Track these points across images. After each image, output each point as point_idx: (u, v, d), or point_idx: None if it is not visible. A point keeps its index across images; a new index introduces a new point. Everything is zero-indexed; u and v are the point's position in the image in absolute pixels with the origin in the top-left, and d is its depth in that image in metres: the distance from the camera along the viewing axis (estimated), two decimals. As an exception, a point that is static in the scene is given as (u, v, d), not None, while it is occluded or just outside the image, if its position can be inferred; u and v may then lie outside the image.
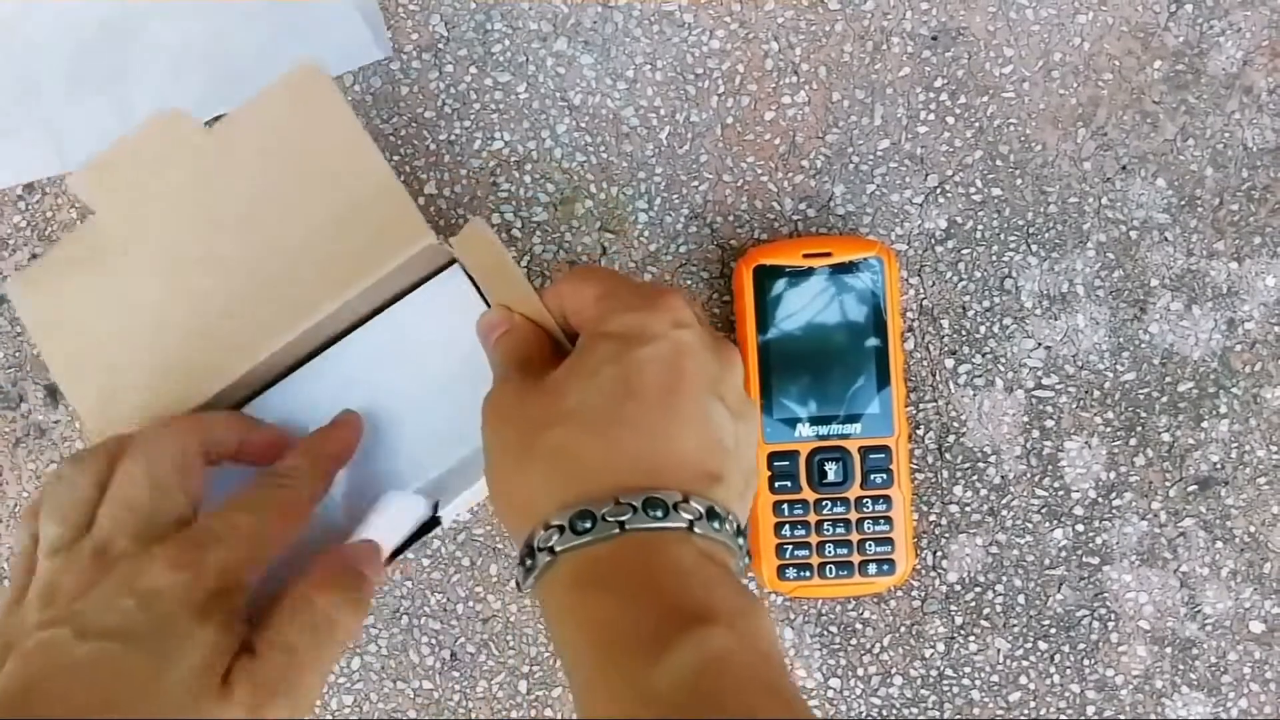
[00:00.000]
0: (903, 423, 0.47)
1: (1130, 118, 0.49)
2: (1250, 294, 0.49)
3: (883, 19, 0.49)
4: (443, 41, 0.50)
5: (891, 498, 0.46)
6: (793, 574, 0.47)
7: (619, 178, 0.50)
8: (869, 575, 0.47)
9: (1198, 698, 0.49)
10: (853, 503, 0.46)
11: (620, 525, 0.28)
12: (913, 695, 0.50)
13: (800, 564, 0.46)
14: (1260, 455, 0.49)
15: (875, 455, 0.46)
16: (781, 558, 0.47)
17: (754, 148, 0.50)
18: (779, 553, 0.47)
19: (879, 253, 0.46)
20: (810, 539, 0.46)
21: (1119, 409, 0.49)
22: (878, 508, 0.46)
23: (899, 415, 0.46)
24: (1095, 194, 0.49)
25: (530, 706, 0.50)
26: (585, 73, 0.50)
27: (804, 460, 0.46)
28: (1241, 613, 0.49)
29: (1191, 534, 0.49)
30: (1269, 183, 0.49)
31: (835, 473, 0.46)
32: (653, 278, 0.50)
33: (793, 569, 0.47)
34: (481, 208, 0.50)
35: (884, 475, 0.46)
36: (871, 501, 0.46)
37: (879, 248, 0.46)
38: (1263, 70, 0.49)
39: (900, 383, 0.47)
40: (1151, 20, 0.49)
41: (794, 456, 0.46)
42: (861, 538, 0.46)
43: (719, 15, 0.49)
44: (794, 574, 0.47)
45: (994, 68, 0.49)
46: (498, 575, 0.50)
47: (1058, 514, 0.49)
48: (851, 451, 0.46)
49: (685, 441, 0.30)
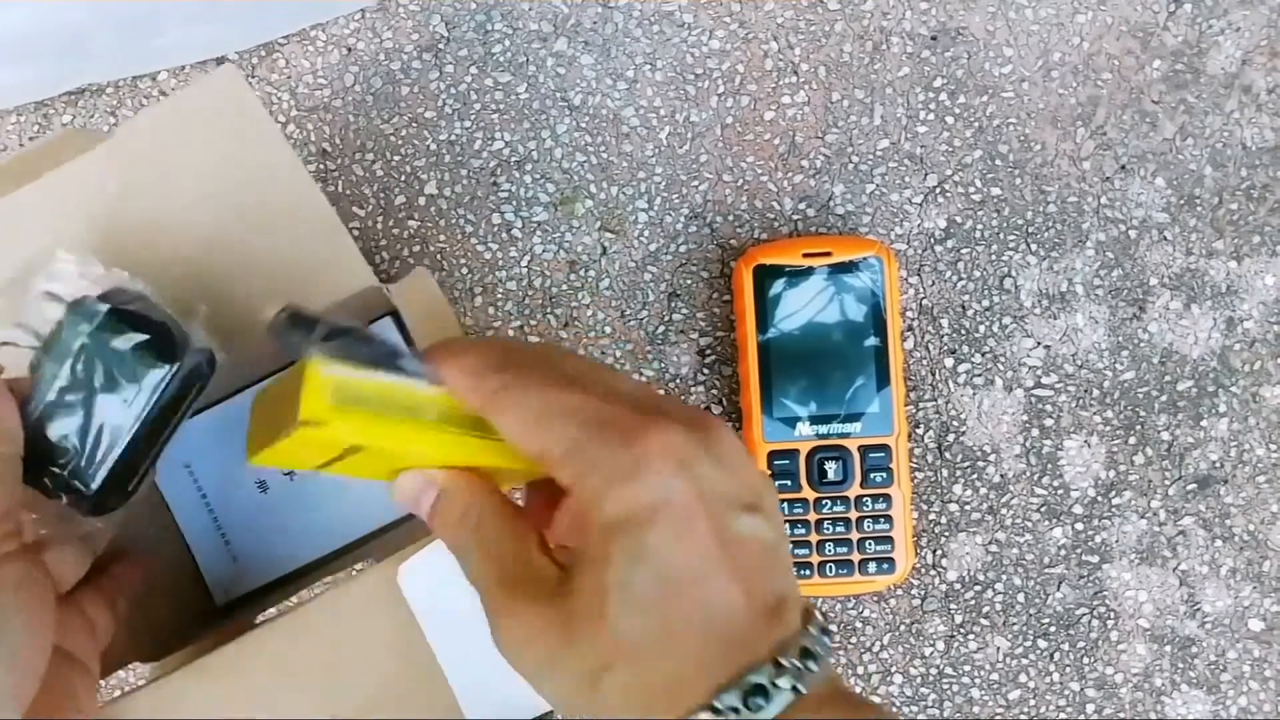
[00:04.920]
0: (902, 422, 0.47)
1: (1129, 117, 0.49)
2: (1249, 293, 0.49)
3: (882, 19, 0.50)
4: (443, 42, 0.50)
5: (891, 496, 0.46)
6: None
7: (619, 178, 0.50)
8: (869, 574, 0.47)
9: (1197, 695, 0.49)
10: (853, 501, 0.46)
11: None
12: (913, 693, 0.50)
13: (799, 563, 0.47)
14: (1259, 454, 0.49)
15: (875, 454, 0.46)
16: None
17: (754, 147, 0.50)
18: None
19: (878, 252, 0.46)
20: (810, 538, 0.46)
21: (1118, 408, 0.49)
22: (878, 506, 0.46)
23: (899, 414, 0.47)
24: (1094, 193, 0.49)
25: (531, 705, 0.50)
26: (585, 73, 0.50)
27: (804, 459, 0.47)
28: (1241, 611, 0.49)
29: (1191, 532, 0.49)
30: (1268, 182, 0.49)
31: (835, 471, 0.46)
32: (653, 277, 0.50)
33: (792, 568, 0.47)
34: (482, 207, 0.50)
35: (884, 474, 0.46)
36: (871, 500, 0.46)
37: (878, 247, 0.46)
38: (1262, 69, 0.49)
39: (900, 382, 0.47)
40: (1151, 20, 0.49)
41: (794, 455, 0.46)
42: (861, 536, 0.47)
43: (719, 15, 0.50)
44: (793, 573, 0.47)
45: (993, 67, 0.49)
46: (499, 574, 0.50)
47: (1057, 513, 0.49)
48: (852, 450, 0.46)
49: (749, 596, 0.26)
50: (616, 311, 0.50)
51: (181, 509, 0.45)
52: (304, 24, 0.50)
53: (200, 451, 0.44)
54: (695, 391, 0.50)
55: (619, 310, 0.50)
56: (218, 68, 0.36)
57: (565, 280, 0.50)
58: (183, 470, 0.45)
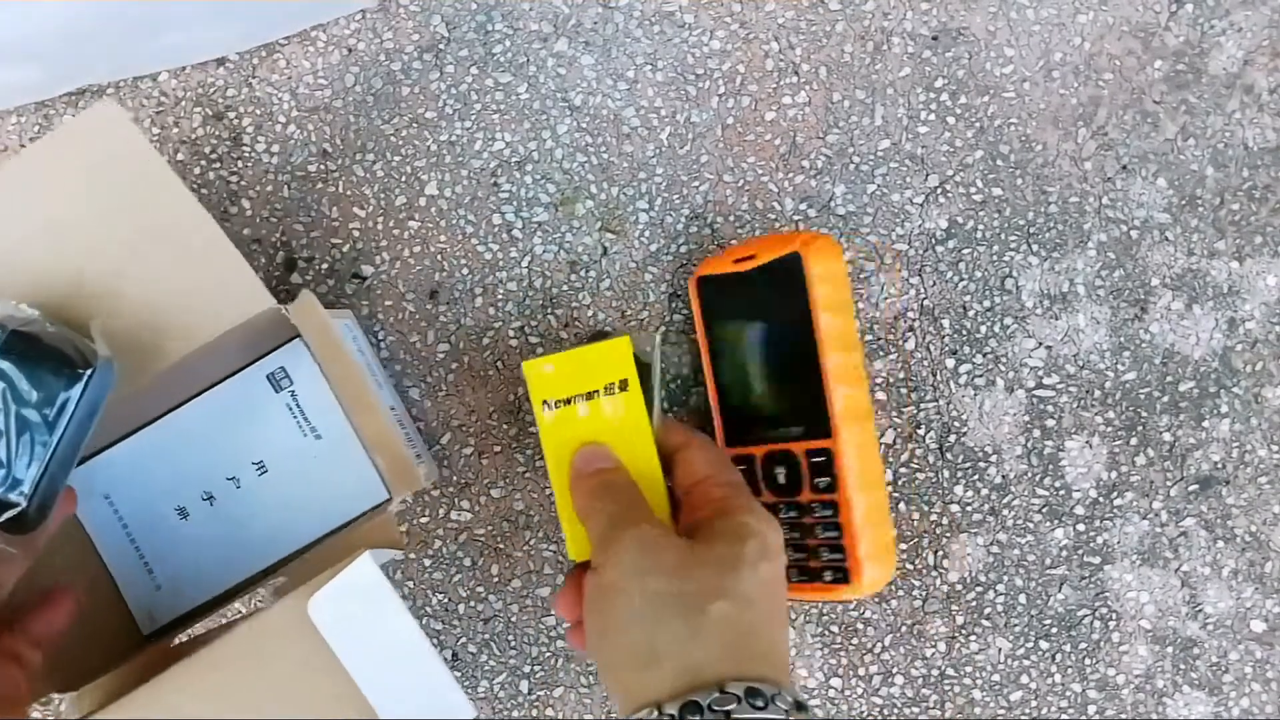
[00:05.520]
0: (848, 422, 0.43)
1: (1131, 117, 0.49)
2: (1251, 293, 0.49)
3: (883, 19, 0.49)
4: (444, 42, 0.50)
5: (836, 503, 0.43)
6: None
7: (619, 178, 0.50)
8: (825, 581, 0.44)
9: (1199, 697, 0.49)
10: (804, 507, 0.44)
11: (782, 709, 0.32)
12: (914, 695, 0.50)
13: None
14: (1261, 455, 0.49)
15: (816, 459, 0.44)
16: None
17: (754, 148, 0.50)
18: None
19: (797, 248, 0.43)
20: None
21: (1120, 408, 0.49)
22: (824, 514, 0.44)
23: (835, 415, 0.43)
24: (1096, 194, 0.49)
25: (531, 706, 0.50)
26: (586, 73, 0.50)
27: (760, 463, 0.45)
28: (1243, 612, 0.49)
29: (1193, 533, 0.49)
30: (1270, 182, 0.49)
31: (784, 477, 0.45)
32: (653, 278, 0.50)
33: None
34: (482, 208, 0.50)
35: (828, 479, 0.43)
36: (820, 506, 0.44)
37: (799, 241, 0.43)
38: (1263, 70, 0.49)
39: (834, 379, 0.43)
40: (1152, 20, 0.49)
41: (750, 460, 0.46)
42: (815, 543, 0.44)
43: (719, 16, 0.50)
44: None
45: (994, 68, 0.49)
46: (499, 575, 0.50)
47: (1059, 513, 0.49)
48: (798, 455, 0.44)
49: (789, 650, 0.37)
50: (617, 312, 0.50)
51: (103, 540, 0.45)
52: (304, 24, 0.50)
53: (119, 483, 0.45)
54: (696, 392, 0.50)
55: (620, 311, 0.50)
56: (96, 103, 0.36)
57: (566, 280, 0.50)
58: (103, 501, 0.45)
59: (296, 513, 0.45)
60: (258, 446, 0.45)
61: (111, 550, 0.45)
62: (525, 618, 0.50)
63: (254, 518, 0.45)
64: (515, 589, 0.50)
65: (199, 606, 0.45)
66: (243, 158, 0.50)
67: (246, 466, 0.45)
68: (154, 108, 0.50)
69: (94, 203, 0.36)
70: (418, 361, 0.50)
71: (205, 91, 0.50)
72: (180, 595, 0.45)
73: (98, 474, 0.44)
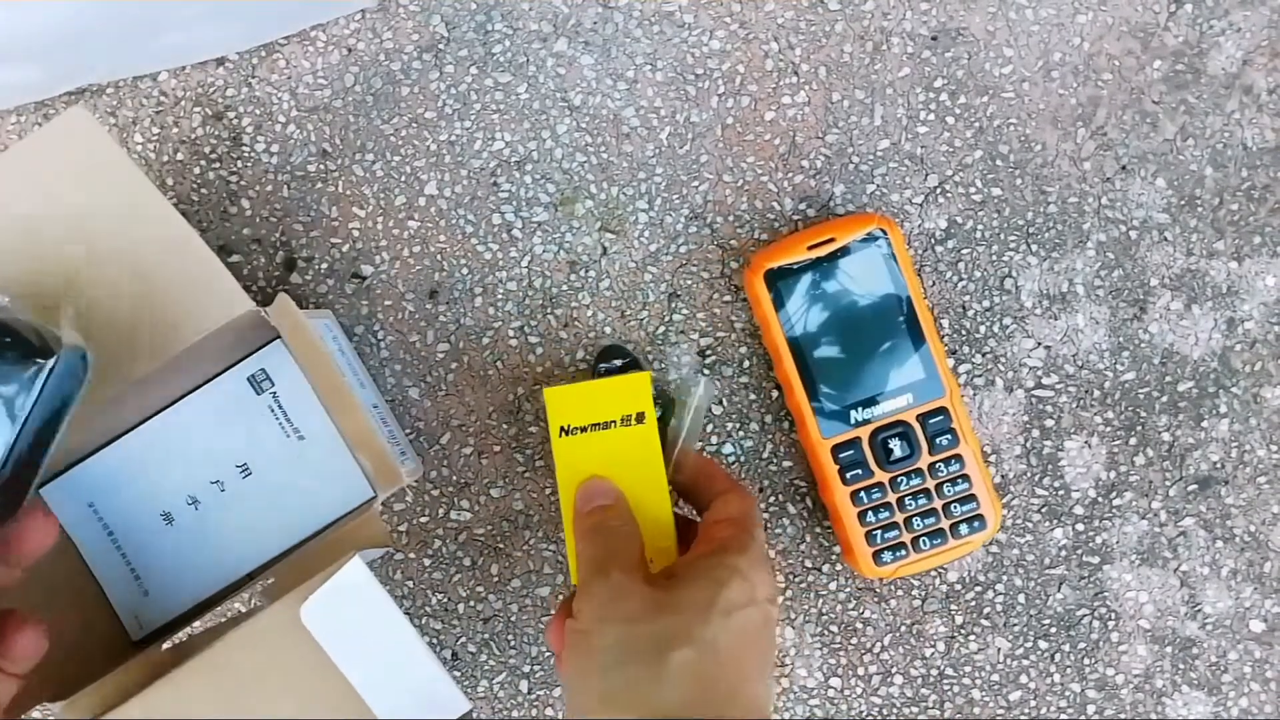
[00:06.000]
0: (951, 380, 0.46)
1: (1130, 118, 0.49)
2: (1250, 293, 0.49)
3: (883, 19, 0.49)
4: (443, 42, 0.50)
5: (962, 455, 0.46)
6: (889, 556, 0.46)
7: (619, 178, 0.50)
8: (962, 536, 0.46)
9: (1198, 697, 0.49)
10: (926, 471, 0.46)
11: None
12: (913, 694, 0.50)
13: (894, 545, 0.46)
14: (1260, 454, 0.49)
15: (934, 420, 0.46)
16: (873, 544, 0.46)
17: (754, 148, 0.50)
18: (869, 539, 0.46)
19: (879, 224, 0.46)
20: (896, 518, 0.46)
21: (1119, 408, 0.49)
22: (951, 469, 0.46)
23: (945, 374, 0.46)
24: (1095, 194, 0.49)
25: (531, 706, 0.50)
26: (585, 73, 0.50)
27: (867, 444, 0.46)
28: (1242, 612, 0.49)
29: (1192, 533, 0.49)
30: (1269, 182, 0.49)
31: (901, 448, 0.46)
32: (653, 278, 0.50)
33: (887, 552, 0.46)
34: (482, 208, 0.50)
35: (948, 436, 0.46)
36: (944, 465, 0.46)
37: (877, 219, 0.46)
38: (1262, 70, 0.49)
39: (936, 341, 0.46)
40: (1151, 20, 0.49)
41: (856, 444, 0.46)
42: (945, 502, 0.46)
43: (719, 16, 0.50)
44: (890, 556, 0.46)
45: (994, 68, 0.49)
46: (499, 575, 0.50)
47: (1058, 513, 0.49)
48: (910, 423, 0.46)
49: (769, 700, 0.36)
50: (617, 312, 0.50)
51: (89, 548, 0.45)
52: (304, 24, 0.50)
53: (103, 490, 0.45)
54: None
55: (619, 310, 0.50)
56: (66, 110, 0.36)
57: (565, 280, 0.50)
58: (87, 509, 0.45)
59: (282, 514, 0.45)
60: (241, 449, 0.45)
61: (97, 557, 0.45)
62: (525, 617, 0.50)
63: (239, 520, 0.45)
64: (515, 589, 0.50)
65: (187, 611, 0.45)
66: (242, 157, 0.50)
67: (230, 469, 0.44)
68: (154, 107, 0.50)
69: (69, 211, 0.36)
70: (417, 361, 0.50)
71: (205, 91, 0.50)
72: (168, 600, 0.45)
73: (81, 482, 0.44)
